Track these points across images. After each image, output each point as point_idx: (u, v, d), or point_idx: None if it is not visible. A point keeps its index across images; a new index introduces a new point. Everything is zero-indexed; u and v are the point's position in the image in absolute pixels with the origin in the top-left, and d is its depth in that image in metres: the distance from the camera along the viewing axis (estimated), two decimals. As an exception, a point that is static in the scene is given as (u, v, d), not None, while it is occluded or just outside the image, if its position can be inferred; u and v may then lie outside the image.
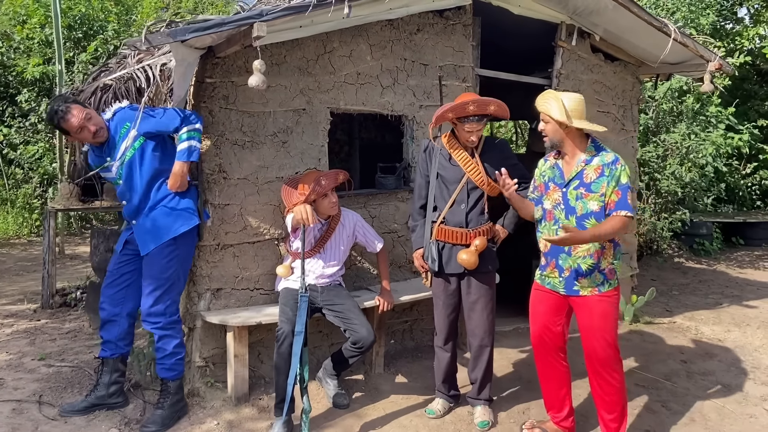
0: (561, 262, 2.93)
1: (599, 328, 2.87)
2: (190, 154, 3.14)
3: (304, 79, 3.71)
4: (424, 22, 4.18)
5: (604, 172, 2.79)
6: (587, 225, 2.81)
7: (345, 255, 3.61)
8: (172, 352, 3.22)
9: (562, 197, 2.90)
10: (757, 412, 3.56)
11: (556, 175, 2.96)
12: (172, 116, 3.13)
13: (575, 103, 2.82)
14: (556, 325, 3.04)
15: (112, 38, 9.85)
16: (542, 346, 3.09)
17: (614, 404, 2.94)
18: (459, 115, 3.09)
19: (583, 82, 4.93)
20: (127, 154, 3.15)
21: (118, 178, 3.21)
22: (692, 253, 8.67)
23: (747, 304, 6.01)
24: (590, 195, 2.81)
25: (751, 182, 9.95)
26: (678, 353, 4.50)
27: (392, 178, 4.24)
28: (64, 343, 4.43)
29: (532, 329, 3.12)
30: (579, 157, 2.87)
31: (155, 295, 3.16)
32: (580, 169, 2.85)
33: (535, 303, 3.11)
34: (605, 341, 2.87)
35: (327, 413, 3.39)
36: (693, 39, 4.63)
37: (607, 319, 2.87)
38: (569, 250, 2.89)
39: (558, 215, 2.91)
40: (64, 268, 7.01)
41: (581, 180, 2.84)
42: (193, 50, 3.05)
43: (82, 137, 3.12)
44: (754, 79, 10.56)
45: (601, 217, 2.79)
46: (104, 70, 4.71)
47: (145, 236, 3.18)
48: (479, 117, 3.10)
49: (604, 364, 2.90)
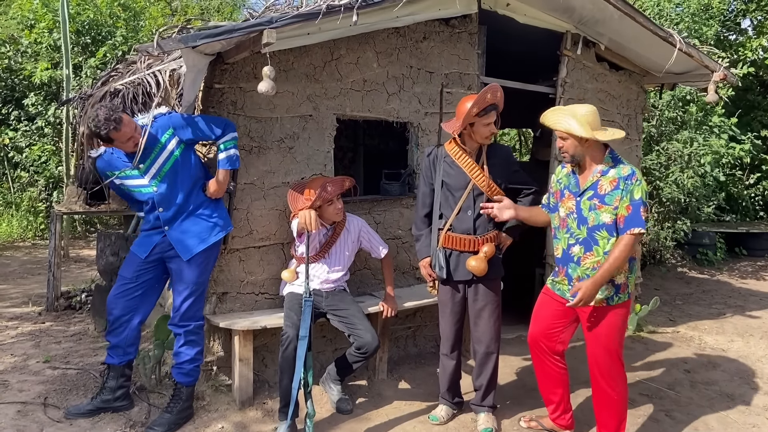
0: (570, 271, 2.93)
1: (604, 338, 2.87)
2: (233, 162, 3.25)
3: (311, 86, 3.74)
4: (431, 30, 4.21)
5: (619, 186, 2.76)
6: (597, 237, 2.81)
7: (350, 260, 3.62)
8: (194, 358, 3.25)
9: (576, 206, 2.90)
10: (759, 421, 3.56)
11: (571, 183, 2.96)
12: (214, 124, 3.19)
13: (592, 115, 2.80)
14: (556, 331, 3.06)
15: (120, 44, 9.93)
16: (537, 348, 3.14)
17: (612, 414, 2.93)
18: (481, 107, 3.06)
19: (587, 91, 4.96)
20: (170, 161, 3.14)
21: (152, 185, 3.15)
22: (695, 262, 8.67)
23: (750, 314, 6.01)
24: (603, 207, 2.79)
25: (755, 193, 9.94)
26: (681, 363, 4.50)
27: (397, 185, 4.26)
28: (69, 346, 4.44)
29: (531, 330, 3.15)
30: (595, 168, 2.85)
31: (190, 300, 3.20)
32: (595, 180, 2.84)
33: (540, 306, 3.14)
34: (608, 352, 2.87)
35: (330, 418, 3.39)
36: (698, 49, 4.65)
37: (612, 330, 2.86)
38: (578, 260, 2.88)
39: (570, 224, 2.92)
40: (68, 271, 7.03)
41: (595, 191, 2.83)
42: (203, 56, 3.08)
43: (124, 147, 3.08)
44: (757, 90, 10.58)
45: (612, 230, 2.78)
46: (113, 74, 4.75)
47: (187, 242, 3.18)
48: (494, 107, 3.11)
49: (605, 374, 2.90)
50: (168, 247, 3.22)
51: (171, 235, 3.20)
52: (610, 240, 2.79)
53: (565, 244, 2.96)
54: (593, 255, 2.84)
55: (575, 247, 2.90)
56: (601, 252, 2.81)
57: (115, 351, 3.32)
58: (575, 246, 2.90)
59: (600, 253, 2.81)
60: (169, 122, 3.17)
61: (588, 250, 2.85)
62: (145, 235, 3.27)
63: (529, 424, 3.38)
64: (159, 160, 3.14)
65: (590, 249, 2.85)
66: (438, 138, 4.30)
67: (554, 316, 3.06)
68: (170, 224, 3.20)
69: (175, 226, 3.20)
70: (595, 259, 2.82)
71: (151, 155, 3.12)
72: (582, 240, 2.88)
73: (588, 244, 2.85)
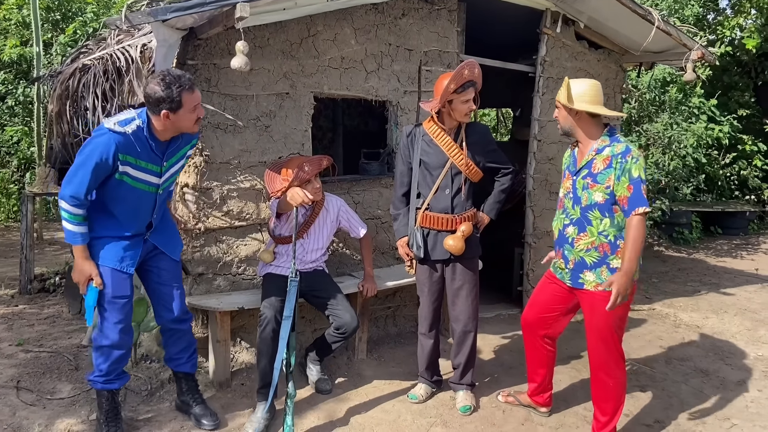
0: (566, 252, 2.89)
1: (604, 328, 2.78)
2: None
3: (287, 63, 3.67)
4: (409, 6, 4.15)
5: (612, 164, 2.68)
6: (590, 217, 2.76)
7: (328, 240, 3.59)
8: (194, 347, 3.18)
9: (572, 186, 2.86)
10: (733, 396, 3.62)
11: (571, 163, 2.92)
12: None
13: (586, 86, 2.75)
14: (551, 317, 3.03)
15: (91, 20, 9.66)
16: (529, 330, 3.13)
17: (609, 401, 2.88)
18: (459, 83, 3.02)
19: (567, 70, 4.94)
20: (177, 174, 2.95)
21: (160, 188, 2.82)
22: (672, 242, 8.79)
23: (724, 291, 6.11)
24: (595, 186, 2.73)
25: (730, 172, 10.08)
26: (657, 339, 4.57)
27: (376, 165, 4.23)
28: (43, 329, 4.37)
29: (525, 312, 3.14)
30: (591, 146, 2.79)
31: (183, 296, 3.10)
32: (590, 158, 2.77)
33: (539, 290, 3.10)
34: (606, 343, 2.80)
35: (310, 398, 3.39)
36: (676, 27, 4.65)
37: (612, 321, 2.76)
38: (572, 241, 2.83)
39: (567, 204, 2.88)
40: (42, 254, 6.90)
41: (590, 170, 2.77)
42: (175, 31, 3.00)
43: (183, 119, 2.63)
44: (734, 70, 10.66)
45: (604, 209, 2.72)
46: (83, 51, 4.61)
47: (171, 241, 3.03)
48: (472, 84, 3.07)
49: (601, 365, 2.85)
50: (149, 250, 2.95)
51: (154, 238, 2.95)
52: (603, 220, 2.73)
53: (561, 224, 2.91)
54: (587, 236, 2.78)
55: (569, 228, 2.85)
56: (595, 232, 2.75)
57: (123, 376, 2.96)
58: (570, 226, 2.85)
59: (594, 234, 2.75)
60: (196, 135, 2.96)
61: (582, 230, 2.80)
62: (124, 246, 2.80)
63: (507, 399, 3.43)
64: (175, 168, 2.88)
65: (584, 230, 2.79)
66: (416, 117, 4.27)
67: (551, 300, 3.01)
68: (156, 230, 2.97)
69: (157, 229, 2.98)
70: (589, 239, 2.77)
71: (174, 157, 2.83)
72: (576, 220, 2.82)
73: (581, 224, 2.80)
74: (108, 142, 2.55)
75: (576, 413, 3.32)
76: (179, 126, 2.66)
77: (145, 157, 2.68)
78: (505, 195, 3.41)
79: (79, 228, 2.63)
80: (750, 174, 10.06)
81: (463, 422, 3.22)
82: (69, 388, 3.40)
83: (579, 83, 2.78)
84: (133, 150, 2.62)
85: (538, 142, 4.93)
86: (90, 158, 2.54)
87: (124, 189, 2.69)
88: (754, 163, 10.08)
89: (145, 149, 2.67)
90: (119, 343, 2.81)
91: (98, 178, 2.59)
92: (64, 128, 4.36)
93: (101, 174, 2.59)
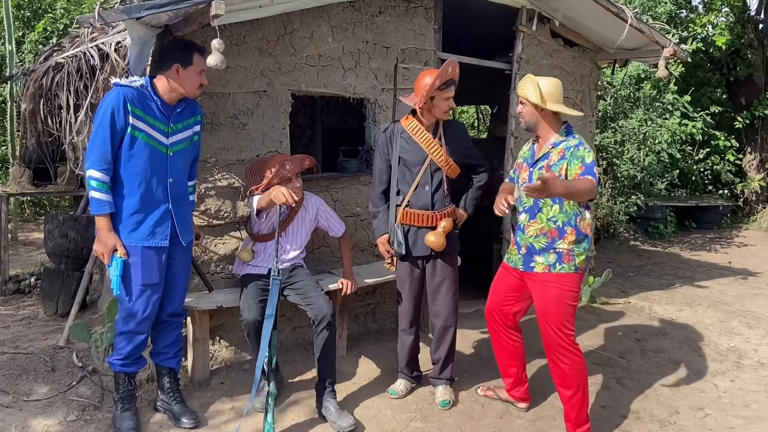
0: (519, 239, 3.01)
1: (551, 312, 2.88)
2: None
3: (264, 60, 3.66)
4: (386, 4, 4.16)
5: (565, 155, 2.82)
6: (542, 204, 2.88)
7: (306, 239, 3.58)
8: (181, 343, 3.18)
9: (528, 176, 2.97)
10: (707, 387, 3.71)
11: (529, 156, 3.04)
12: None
13: (552, 86, 2.87)
14: (509, 304, 3.13)
15: (61, 17, 9.48)
16: (492, 321, 3.22)
17: (568, 387, 2.95)
18: (443, 80, 3.05)
19: (543, 67, 4.99)
20: (187, 141, 2.98)
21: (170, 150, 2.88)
22: (647, 236, 8.93)
23: (698, 284, 6.23)
24: None
25: (704, 167, 10.26)
26: (632, 332, 4.65)
27: (355, 162, 4.24)
28: (18, 330, 4.30)
29: (487, 303, 3.23)
30: (549, 140, 2.91)
31: (186, 290, 3.11)
32: (547, 151, 2.90)
33: (497, 280, 3.22)
34: (555, 327, 2.89)
35: (290, 395, 3.39)
36: (648, 25, 4.72)
37: (560, 305, 2.86)
38: (523, 227, 2.95)
39: (522, 194, 2.97)
40: (17, 254, 6.79)
41: (546, 161, 2.89)
42: (149, 28, 2.97)
43: (189, 78, 2.83)
44: (707, 66, 10.85)
45: (556, 198, 2.82)
46: (57, 49, 4.54)
47: (186, 223, 3.01)
48: (453, 81, 3.10)
49: (553, 349, 2.94)
50: (172, 234, 2.92)
51: (177, 213, 2.92)
52: (553, 207, 2.85)
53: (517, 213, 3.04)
54: (537, 222, 2.90)
55: (522, 215, 2.99)
56: (545, 219, 2.87)
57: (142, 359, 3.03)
58: (522, 214, 2.99)
59: (543, 220, 2.87)
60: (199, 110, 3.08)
61: (532, 217, 2.92)
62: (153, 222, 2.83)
63: (486, 392, 3.48)
64: (183, 134, 2.95)
65: (534, 216, 2.91)
66: (393, 114, 4.28)
67: (508, 289, 3.13)
68: (175, 202, 2.92)
69: (178, 205, 2.95)
70: (539, 226, 2.89)
71: (181, 123, 2.93)
72: (528, 208, 2.95)
73: (533, 211, 2.92)
74: (117, 94, 2.71)
75: (553, 405, 3.37)
76: (184, 84, 2.84)
77: (151, 113, 2.81)
78: (481, 192, 3.45)
79: (107, 196, 2.72)
80: (723, 169, 10.26)
81: (443, 416, 3.25)
82: (45, 389, 3.36)
83: (546, 83, 2.87)
84: (141, 103, 2.77)
85: (515, 139, 4.98)
86: (105, 115, 2.68)
87: (138, 146, 2.77)
88: (726, 158, 10.29)
89: (150, 107, 2.81)
90: (143, 329, 2.91)
91: (115, 135, 2.70)
92: (38, 127, 4.30)
93: (117, 129, 2.70)
